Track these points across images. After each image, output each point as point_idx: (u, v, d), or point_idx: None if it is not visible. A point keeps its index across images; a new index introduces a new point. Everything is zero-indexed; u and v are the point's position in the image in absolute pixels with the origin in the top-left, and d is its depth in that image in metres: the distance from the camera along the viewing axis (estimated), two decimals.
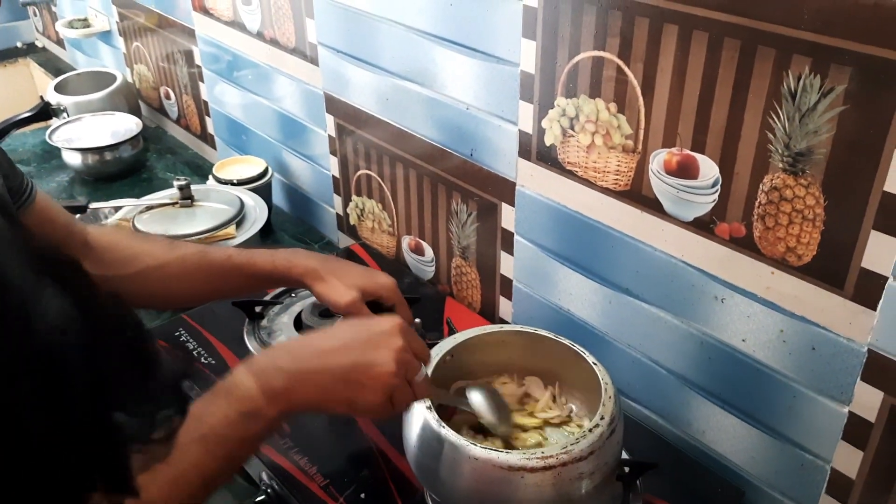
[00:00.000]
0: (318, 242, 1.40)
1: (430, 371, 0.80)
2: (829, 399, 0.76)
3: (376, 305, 0.89)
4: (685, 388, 0.89)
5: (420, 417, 0.75)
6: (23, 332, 0.30)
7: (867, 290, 0.69)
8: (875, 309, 0.69)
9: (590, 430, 0.72)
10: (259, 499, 0.86)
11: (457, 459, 0.72)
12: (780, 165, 0.71)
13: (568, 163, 0.90)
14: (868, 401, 0.73)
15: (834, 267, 0.71)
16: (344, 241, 1.37)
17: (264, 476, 0.87)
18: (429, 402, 0.76)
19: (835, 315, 0.72)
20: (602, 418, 0.74)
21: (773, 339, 0.78)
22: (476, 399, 0.81)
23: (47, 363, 0.31)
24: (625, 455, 0.86)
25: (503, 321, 1.10)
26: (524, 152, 0.95)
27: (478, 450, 0.71)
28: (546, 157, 0.93)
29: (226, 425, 0.65)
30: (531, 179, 0.96)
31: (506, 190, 1.00)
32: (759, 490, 0.85)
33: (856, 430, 0.74)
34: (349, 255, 1.25)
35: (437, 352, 0.83)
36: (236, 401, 0.67)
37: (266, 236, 1.39)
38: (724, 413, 0.86)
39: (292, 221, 1.47)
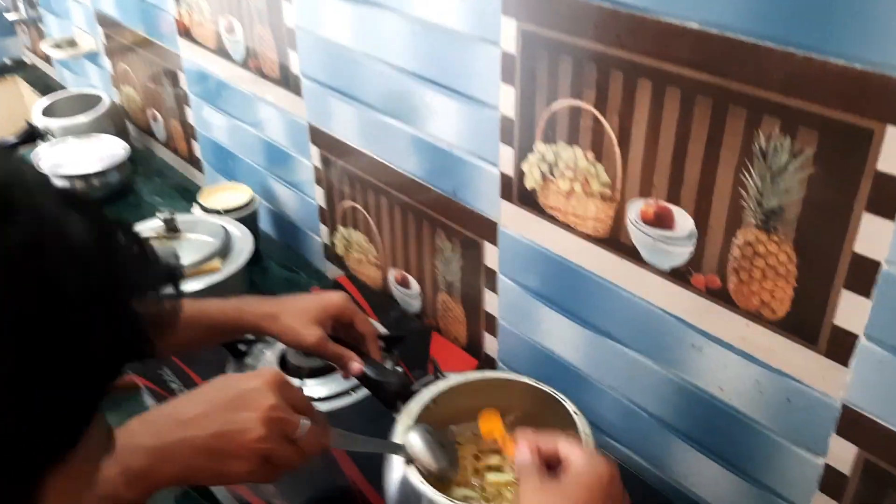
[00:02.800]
0: (306, 271, 1.40)
1: (413, 415, 0.80)
2: (805, 450, 0.76)
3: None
4: (666, 432, 0.89)
5: (399, 472, 0.76)
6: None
7: (840, 347, 0.70)
8: (847, 366, 0.70)
9: None
10: None
11: None
12: (753, 221, 0.72)
13: (549, 207, 0.91)
14: (842, 454, 0.73)
15: (807, 323, 0.71)
16: (332, 270, 1.37)
17: None
18: (406, 458, 0.76)
19: (809, 369, 0.73)
20: None
21: (749, 389, 0.79)
22: (413, 441, 0.77)
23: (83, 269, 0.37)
24: None
25: (489, 357, 1.11)
26: (506, 194, 0.96)
27: None
28: (527, 200, 0.93)
29: None
30: (513, 221, 0.96)
31: (488, 229, 1.00)
32: None
33: (832, 482, 0.75)
34: (336, 287, 1.25)
35: (423, 399, 0.84)
36: (97, 484, 0.62)
37: (254, 264, 1.39)
38: (704, 458, 0.86)
39: (280, 249, 1.48)
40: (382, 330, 1.12)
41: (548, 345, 1.00)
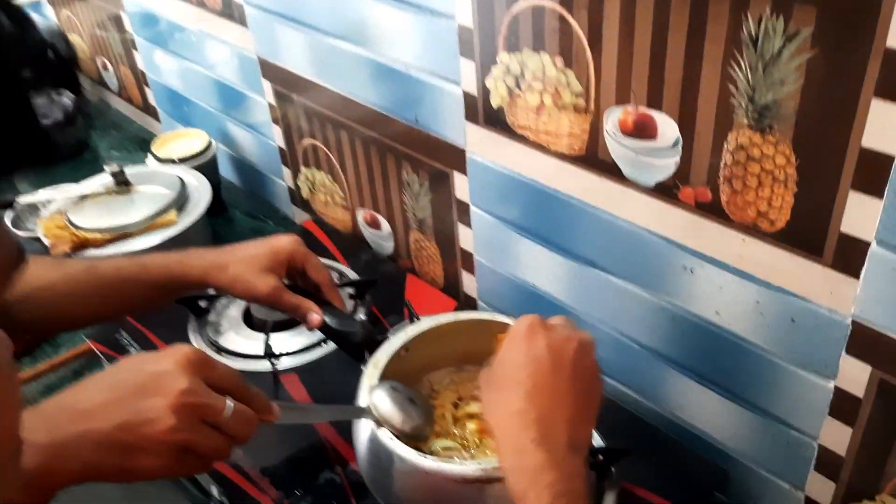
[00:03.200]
0: (273, 218, 1.32)
1: (381, 367, 0.73)
2: (813, 374, 0.69)
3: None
4: (660, 364, 0.82)
5: (367, 431, 0.69)
6: None
7: (848, 257, 0.61)
8: (858, 277, 0.61)
9: None
10: None
11: (409, 474, 0.66)
12: (745, 122, 0.63)
13: (518, 126, 0.81)
14: (855, 375, 0.66)
15: (810, 232, 0.63)
16: (299, 215, 1.29)
17: (215, 491, 0.81)
18: (374, 420, 0.68)
19: (814, 284, 0.65)
20: None
21: (748, 312, 0.71)
22: (379, 402, 0.69)
23: None
24: (598, 439, 0.81)
25: (469, 297, 1.03)
26: (471, 115, 0.86)
27: (430, 463, 0.65)
28: (494, 121, 0.84)
29: None
30: (481, 145, 0.87)
31: (456, 158, 0.91)
32: (745, 468, 0.79)
33: (843, 406, 0.68)
34: (303, 233, 1.17)
35: (390, 348, 0.76)
36: None
37: (217, 214, 1.31)
38: (701, 388, 0.79)
39: (244, 196, 1.39)
40: (352, 275, 1.05)
41: (529, 279, 0.92)
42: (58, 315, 0.80)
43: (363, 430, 0.70)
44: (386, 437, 0.67)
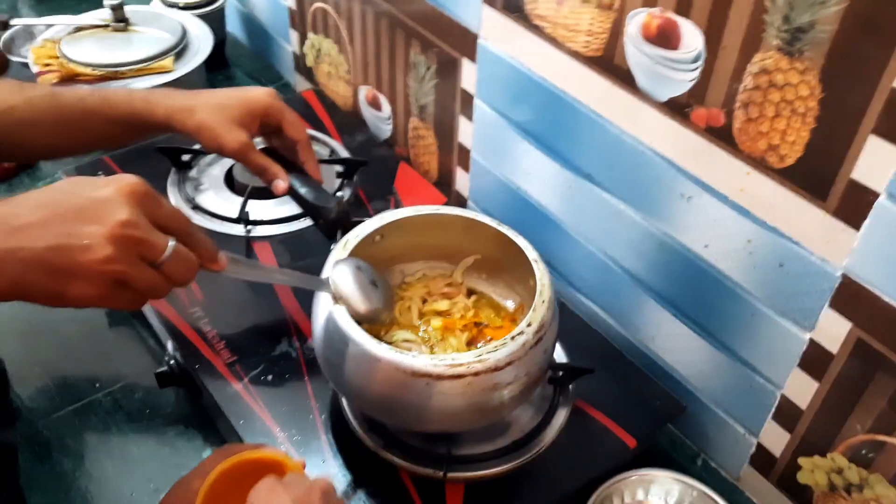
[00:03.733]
0: (275, 83, 1.27)
1: (350, 248, 0.70)
2: (791, 322, 0.66)
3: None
4: (639, 290, 0.80)
5: (324, 310, 0.67)
6: None
7: (853, 206, 0.58)
8: (858, 229, 0.58)
9: (511, 338, 0.64)
10: (160, 370, 0.79)
11: (360, 358, 0.64)
12: (775, 42, 0.57)
13: (536, 15, 0.76)
14: (833, 330, 0.63)
15: (819, 174, 0.59)
16: (301, 84, 1.23)
17: (169, 346, 0.80)
18: (331, 295, 0.66)
19: (812, 230, 0.61)
20: (528, 325, 0.64)
21: (738, 249, 0.68)
22: (339, 278, 0.65)
23: None
24: (563, 355, 0.79)
25: (460, 196, 1.00)
26: None
27: (382, 350, 0.63)
28: (513, 7, 0.78)
29: None
30: (495, 32, 0.82)
31: (467, 43, 0.86)
32: (703, 406, 0.78)
33: (814, 360, 0.66)
34: (301, 102, 1.12)
35: (363, 231, 0.73)
36: None
37: (218, 70, 1.26)
38: (675, 321, 0.77)
39: (249, 56, 1.33)
40: (344, 153, 1.01)
41: (522, 185, 0.88)
42: (16, 141, 0.76)
43: (322, 308, 0.67)
44: (343, 317, 0.65)
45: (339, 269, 0.66)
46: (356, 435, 0.71)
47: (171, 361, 0.79)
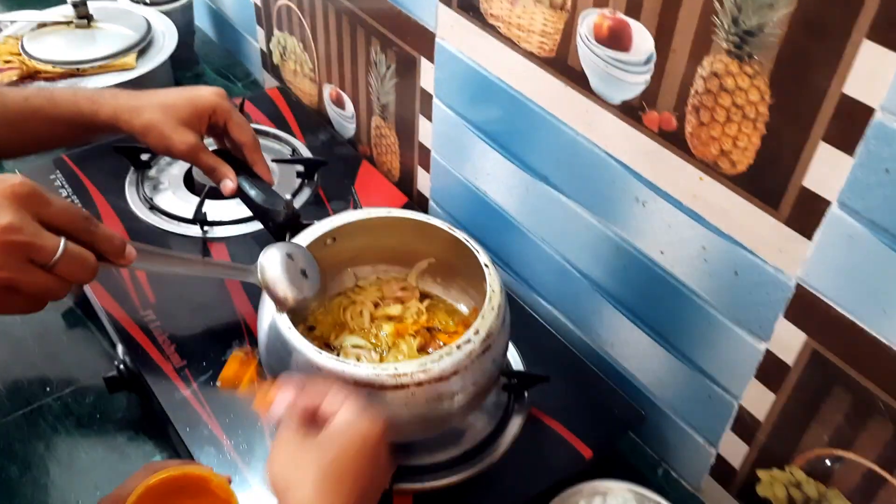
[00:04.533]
0: (243, 80, 1.25)
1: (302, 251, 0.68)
2: (746, 332, 0.64)
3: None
4: (597, 295, 0.78)
5: (268, 315, 0.65)
6: None
7: (805, 215, 0.56)
8: (811, 238, 0.56)
9: (457, 347, 0.62)
10: (110, 374, 0.77)
11: (303, 367, 0.62)
12: (725, 46, 0.56)
13: (491, 15, 0.74)
14: (788, 341, 0.61)
15: (770, 181, 0.57)
16: (269, 82, 1.21)
17: (119, 350, 0.79)
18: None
19: (764, 238, 0.59)
20: (476, 333, 0.63)
21: (693, 256, 0.66)
22: (267, 264, 0.63)
23: None
24: (520, 360, 0.77)
25: (421, 196, 0.98)
26: None
27: (324, 359, 0.61)
28: (468, 6, 0.76)
29: None
30: (452, 31, 0.80)
31: (425, 42, 0.84)
32: (663, 415, 0.76)
33: (771, 371, 0.64)
34: (266, 99, 1.10)
35: (313, 234, 0.71)
36: None
37: (186, 68, 1.24)
38: (633, 327, 0.75)
39: (218, 53, 1.31)
40: (305, 152, 0.99)
41: (481, 186, 0.86)
42: None
43: (266, 314, 0.66)
44: (286, 324, 0.63)
45: (268, 256, 0.64)
46: None
47: (121, 366, 0.78)
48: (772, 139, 0.56)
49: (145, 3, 1.18)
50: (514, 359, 0.78)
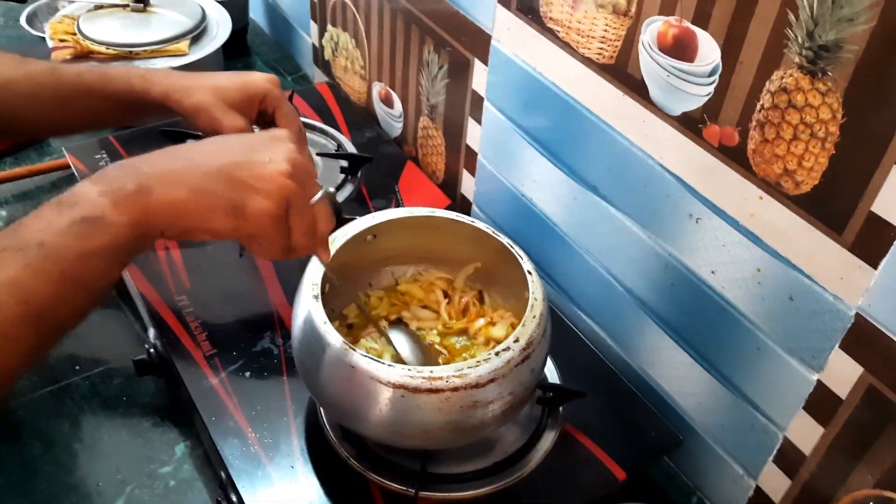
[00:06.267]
0: (293, 75, 1.25)
1: (337, 246, 0.67)
2: (798, 361, 0.61)
3: None
4: (640, 313, 0.75)
5: (305, 308, 0.64)
6: None
7: (871, 242, 0.53)
8: (876, 267, 0.53)
9: (496, 354, 0.60)
10: (139, 357, 0.77)
11: (335, 364, 0.61)
12: (797, 60, 0.53)
13: (550, 19, 0.72)
14: (843, 373, 0.58)
15: (836, 204, 0.54)
16: (319, 77, 1.21)
17: (150, 334, 0.78)
18: (320, 277, 0.63)
19: (825, 264, 0.57)
20: (516, 341, 0.61)
21: (746, 278, 0.63)
22: (396, 339, 0.69)
23: None
24: (556, 373, 0.75)
25: (465, 199, 0.96)
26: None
27: (357, 357, 0.59)
28: (528, 9, 0.74)
29: (54, 235, 0.49)
30: (508, 34, 0.78)
31: (480, 44, 0.82)
32: (701, 441, 0.73)
33: (821, 403, 0.61)
34: (315, 94, 1.09)
35: (354, 229, 0.70)
36: (69, 207, 0.50)
37: (237, 57, 1.24)
38: (677, 349, 0.73)
39: (270, 46, 1.31)
40: (350, 148, 0.98)
41: (528, 193, 0.85)
42: (14, 115, 0.74)
43: (302, 307, 0.64)
44: (321, 318, 0.62)
45: (395, 332, 0.69)
46: (329, 442, 0.68)
47: (152, 350, 0.77)
48: (841, 160, 0.53)
49: None
50: (551, 373, 0.75)
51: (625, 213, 0.73)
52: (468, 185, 0.94)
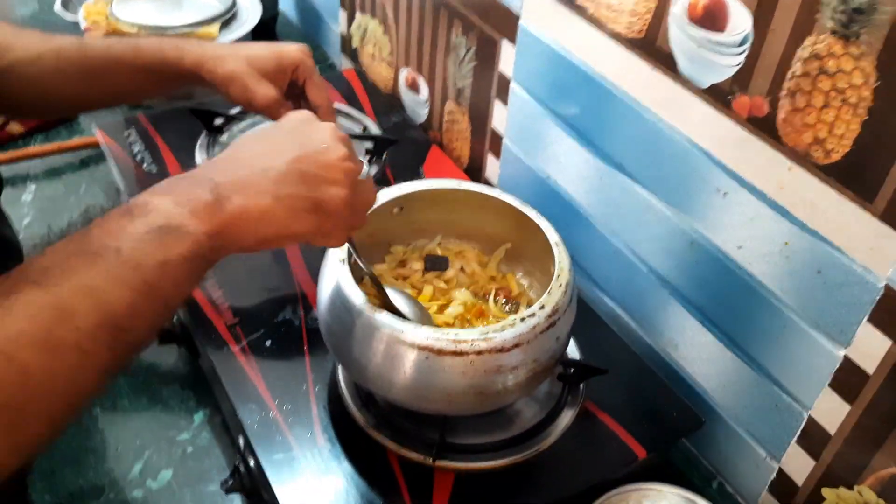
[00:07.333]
0: (321, 64, 1.26)
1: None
2: (825, 336, 0.61)
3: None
4: (664, 292, 0.75)
5: (332, 271, 0.64)
6: None
7: None
8: None
9: (521, 320, 0.60)
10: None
11: (361, 326, 0.60)
12: (829, 25, 0.53)
13: None
14: (871, 347, 0.57)
15: (867, 172, 0.54)
16: (346, 66, 1.22)
17: None
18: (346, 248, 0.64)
19: (855, 235, 0.56)
20: (541, 308, 0.61)
21: (773, 253, 0.63)
22: (394, 296, 0.67)
23: None
24: (576, 353, 0.75)
25: (488, 183, 0.96)
26: None
27: (384, 318, 0.59)
28: None
29: (132, 242, 0.45)
30: (536, 13, 0.79)
31: (509, 24, 0.83)
32: (723, 423, 0.73)
33: (847, 379, 0.60)
34: (342, 80, 1.10)
35: (382, 199, 0.70)
36: (142, 216, 0.47)
37: None
38: (701, 328, 0.72)
39: (298, 35, 1.33)
40: (376, 130, 0.98)
41: (551, 174, 0.85)
42: (44, 90, 0.75)
43: (329, 272, 0.65)
44: (348, 282, 0.62)
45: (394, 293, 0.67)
46: (348, 410, 0.68)
47: (174, 318, 0.77)
48: (873, 126, 0.53)
49: None
50: (573, 354, 0.75)
51: (651, 190, 0.73)
52: (492, 169, 0.95)
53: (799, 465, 0.66)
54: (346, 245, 0.64)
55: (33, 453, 0.41)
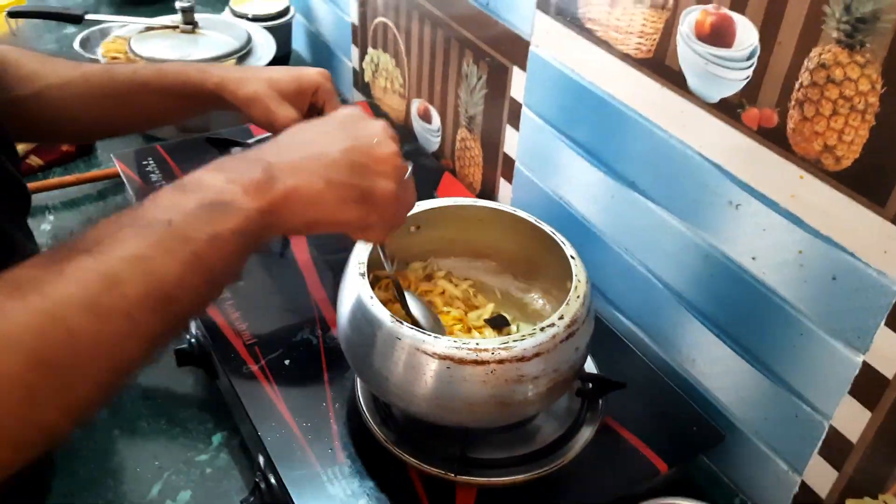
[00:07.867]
0: None
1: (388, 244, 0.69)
2: (843, 343, 0.61)
3: None
4: (680, 308, 0.75)
5: (352, 284, 0.65)
6: None
7: None
8: None
9: (541, 329, 0.61)
10: (180, 346, 0.78)
11: (381, 337, 0.61)
12: (835, 35, 0.55)
13: (588, 19, 0.75)
14: (889, 351, 0.58)
15: (878, 176, 0.55)
16: (358, 98, 1.25)
17: (191, 324, 0.79)
18: (365, 259, 0.65)
19: (868, 239, 0.57)
20: (561, 318, 0.61)
21: (788, 261, 0.63)
22: (412, 302, 0.70)
23: None
24: (594, 369, 0.75)
25: None
26: (543, 4, 0.80)
27: (404, 329, 0.60)
28: (566, 12, 0.77)
29: (183, 215, 0.46)
30: (546, 38, 0.81)
31: (519, 50, 0.85)
32: (744, 437, 0.72)
33: (867, 386, 0.60)
34: None
35: None
36: (194, 191, 0.48)
37: None
38: (718, 342, 0.72)
39: None
40: None
41: (564, 195, 0.86)
42: (72, 115, 0.77)
43: (350, 284, 0.65)
44: (367, 294, 0.63)
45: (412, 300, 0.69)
46: (368, 427, 0.68)
47: (192, 339, 0.78)
48: (881, 132, 0.54)
49: (248, 19, 1.24)
50: (590, 369, 0.75)
51: (663, 206, 0.74)
52: (505, 193, 0.96)
53: (822, 476, 0.66)
54: (374, 247, 0.66)
55: (84, 418, 0.42)
